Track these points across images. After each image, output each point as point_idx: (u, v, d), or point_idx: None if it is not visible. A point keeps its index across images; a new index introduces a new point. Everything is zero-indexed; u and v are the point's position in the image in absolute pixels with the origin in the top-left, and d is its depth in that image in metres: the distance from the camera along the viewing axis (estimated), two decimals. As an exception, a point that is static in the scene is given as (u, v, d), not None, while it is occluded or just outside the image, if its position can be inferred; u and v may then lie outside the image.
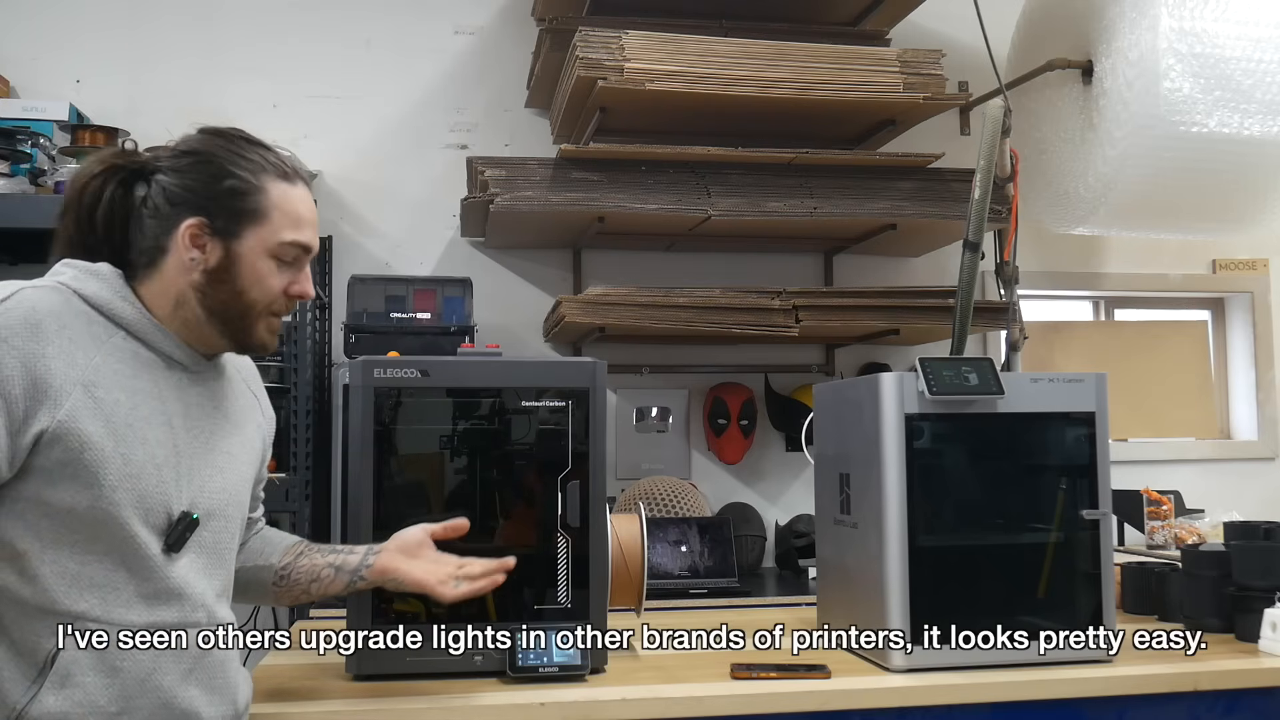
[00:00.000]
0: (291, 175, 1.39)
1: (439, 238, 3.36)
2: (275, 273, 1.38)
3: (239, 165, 1.36)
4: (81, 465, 1.24)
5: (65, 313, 1.28)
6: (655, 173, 2.90)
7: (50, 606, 1.24)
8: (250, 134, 1.42)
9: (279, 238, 1.37)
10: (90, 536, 1.26)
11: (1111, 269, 3.77)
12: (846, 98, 2.86)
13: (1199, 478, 3.61)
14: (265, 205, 1.36)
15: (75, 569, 1.25)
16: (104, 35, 3.23)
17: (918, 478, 1.74)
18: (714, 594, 2.78)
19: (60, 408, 1.23)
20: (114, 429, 1.27)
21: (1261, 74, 2.83)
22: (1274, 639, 1.83)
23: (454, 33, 3.42)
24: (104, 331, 1.30)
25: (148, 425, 1.30)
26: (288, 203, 1.37)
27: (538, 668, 1.64)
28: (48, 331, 1.24)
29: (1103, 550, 1.79)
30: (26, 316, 1.24)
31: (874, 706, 1.65)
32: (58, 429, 1.23)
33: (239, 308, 1.37)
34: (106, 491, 1.25)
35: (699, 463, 3.45)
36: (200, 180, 1.35)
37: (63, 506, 1.25)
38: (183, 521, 1.32)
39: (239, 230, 1.35)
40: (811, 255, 3.54)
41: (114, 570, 1.27)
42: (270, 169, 1.37)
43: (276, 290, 1.39)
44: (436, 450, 1.72)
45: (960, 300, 2.18)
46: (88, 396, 1.25)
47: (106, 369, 1.28)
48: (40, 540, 1.25)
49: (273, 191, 1.36)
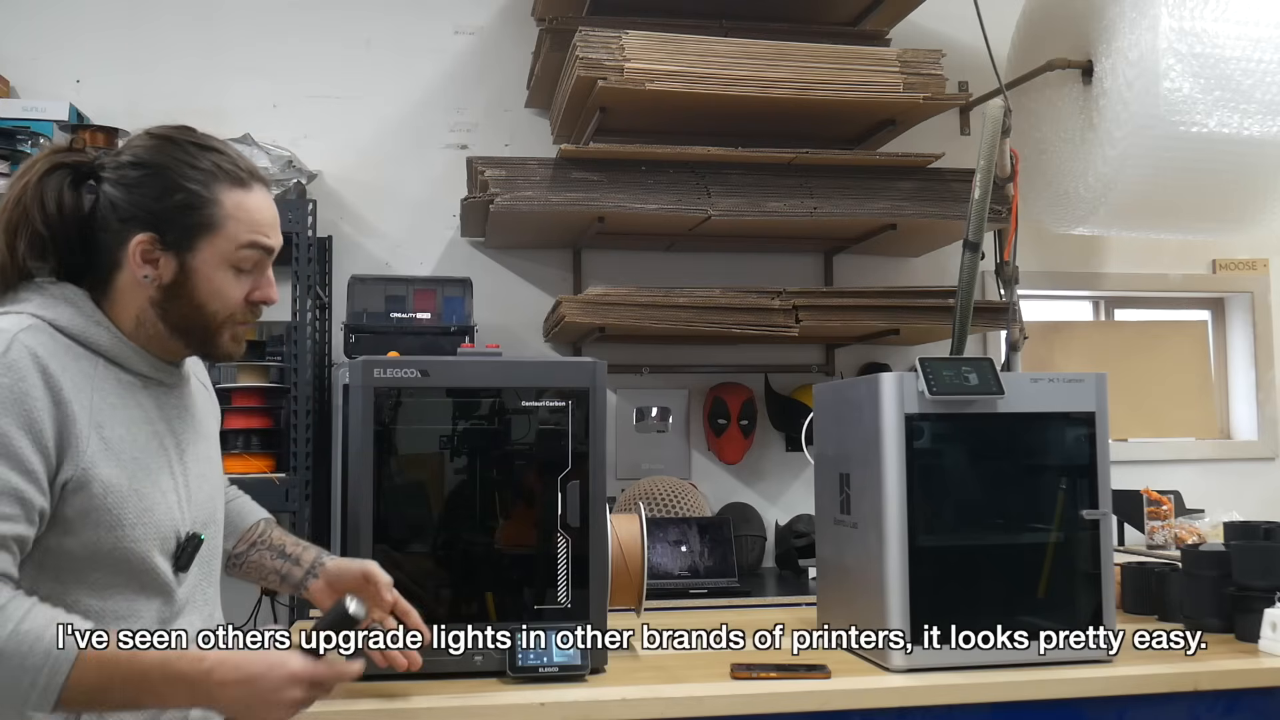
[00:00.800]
0: (246, 179, 1.34)
1: (439, 238, 3.36)
2: (234, 282, 1.33)
3: (188, 177, 1.30)
4: (105, 510, 1.23)
5: (56, 352, 1.24)
6: (655, 173, 2.90)
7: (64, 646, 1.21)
8: (201, 135, 1.36)
9: (236, 243, 1.31)
10: (110, 573, 1.26)
11: (1111, 269, 3.77)
12: (846, 98, 2.86)
13: (1199, 478, 3.61)
14: (219, 216, 1.30)
15: (98, 606, 1.25)
16: (104, 35, 3.23)
17: (918, 478, 1.74)
18: (714, 594, 2.78)
19: (83, 455, 1.22)
20: (125, 467, 1.26)
21: (1261, 74, 2.83)
22: (1274, 639, 1.83)
23: (454, 33, 3.42)
24: (89, 364, 1.27)
25: (148, 455, 1.30)
26: (242, 210, 1.32)
27: (538, 668, 1.64)
28: (56, 378, 1.22)
29: (1103, 550, 1.79)
30: (35, 364, 1.21)
31: (874, 706, 1.65)
32: (81, 477, 1.22)
33: (200, 321, 1.33)
34: (128, 530, 1.25)
35: (699, 463, 3.45)
36: (149, 194, 1.29)
37: (84, 552, 1.24)
38: (191, 542, 1.33)
39: (192, 243, 1.30)
40: (811, 255, 3.54)
41: (133, 600, 1.28)
42: (223, 176, 1.31)
43: (237, 299, 1.34)
44: (436, 450, 1.71)
45: (960, 300, 2.18)
46: (100, 439, 1.24)
47: (104, 405, 1.26)
48: (61, 583, 1.24)
49: (226, 201, 1.31)
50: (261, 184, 1.37)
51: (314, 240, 2.96)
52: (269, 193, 1.39)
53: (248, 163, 1.38)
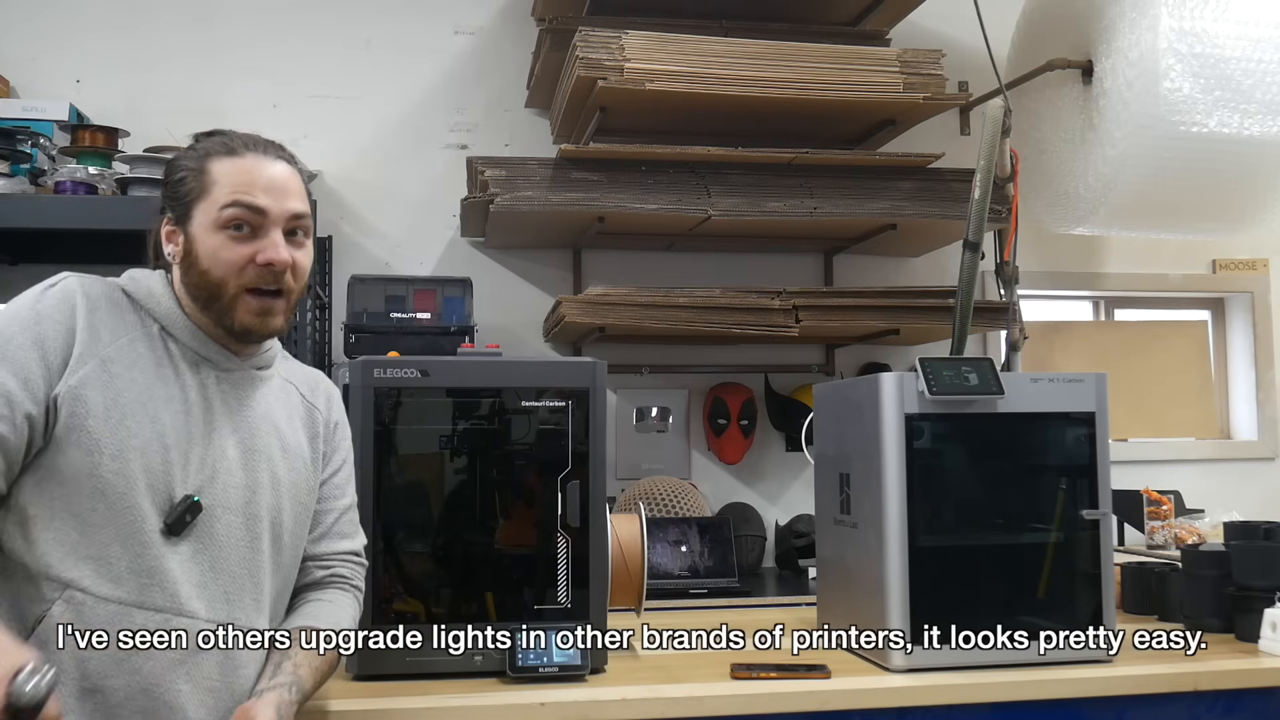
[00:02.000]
0: (239, 149, 1.39)
1: (439, 238, 3.36)
2: (229, 245, 1.36)
3: (187, 156, 1.41)
4: (85, 432, 1.28)
5: (100, 298, 1.36)
6: (655, 173, 2.90)
7: (44, 572, 1.26)
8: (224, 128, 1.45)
9: (219, 204, 1.36)
10: (92, 508, 1.28)
11: (1111, 269, 3.77)
12: (846, 98, 2.86)
13: (1199, 478, 3.61)
14: (206, 182, 1.38)
15: (75, 538, 1.27)
16: (104, 35, 3.23)
17: (918, 478, 1.74)
18: (714, 594, 2.78)
19: (74, 374, 1.29)
20: (122, 403, 1.31)
21: (1261, 74, 2.83)
22: (1274, 639, 1.83)
23: (454, 33, 3.42)
24: (138, 321, 1.37)
25: (162, 407, 1.34)
26: (229, 173, 1.38)
27: (538, 668, 1.64)
28: (79, 308, 1.33)
29: (1103, 550, 1.79)
30: (63, 295, 1.33)
31: (874, 706, 1.65)
32: (67, 393, 1.28)
33: (209, 288, 1.37)
34: (106, 460, 1.28)
35: (699, 463, 3.45)
36: (164, 183, 1.43)
37: (69, 473, 1.28)
38: (184, 504, 1.31)
39: (189, 213, 1.38)
40: (811, 255, 3.54)
41: (110, 543, 1.28)
42: (216, 149, 1.39)
43: (237, 262, 1.36)
44: (436, 450, 1.72)
45: (960, 300, 2.18)
46: (102, 370, 1.31)
47: (130, 351, 1.34)
48: (50, 506, 1.28)
49: (214, 168, 1.38)
50: (258, 152, 1.41)
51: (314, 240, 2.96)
52: (271, 160, 1.41)
53: (252, 137, 1.43)
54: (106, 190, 2.70)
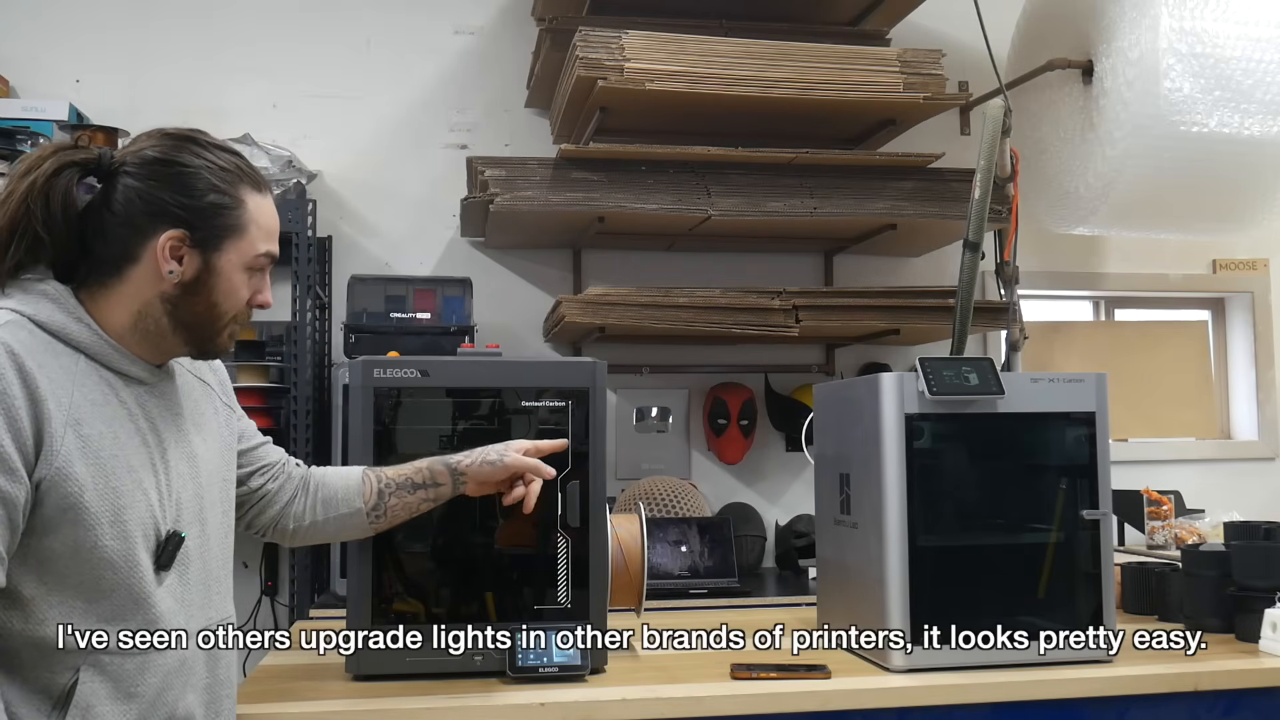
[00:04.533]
0: (261, 185, 1.40)
1: (439, 238, 3.36)
2: (245, 284, 1.38)
3: (219, 176, 1.34)
4: (81, 509, 1.23)
5: (35, 348, 1.23)
6: (655, 173, 2.90)
7: (64, 646, 1.23)
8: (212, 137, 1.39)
9: (256, 250, 1.37)
10: (94, 575, 1.25)
11: (1111, 269, 3.77)
12: (847, 98, 2.86)
13: (1199, 478, 3.61)
14: (245, 219, 1.35)
15: (83, 607, 1.25)
16: (104, 35, 3.23)
17: (918, 478, 1.74)
18: (714, 594, 2.78)
19: (57, 455, 1.22)
20: (102, 465, 1.25)
21: (1261, 74, 2.83)
22: (1274, 639, 1.83)
23: (454, 33, 3.42)
24: (69, 360, 1.27)
25: (129, 452, 1.29)
26: (262, 215, 1.38)
27: (538, 668, 1.64)
28: (33, 374, 1.21)
29: (1103, 550, 1.79)
30: (11, 361, 1.20)
31: (874, 706, 1.65)
32: (55, 476, 1.21)
33: (210, 318, 1.36)
34: (105, 529, 1.24)
35: (699, 463, 3.45)
36: (181, 191, 1.31)
37: (65, 552, 1.23)
38: (171, 541, 1.32)
39: (220, 244, 1.34)
40: (811, 255, 3.54)
41: (121, 603, 1.27)
42: (245, 179, 1.37)
43: (245, 300, 1.39)
44: (436, 450, 1.72)
45: (960, 300, 2.18)
46: (76, 436, 1.24)
47: (84, 402, 1.26)
48: (45, 585, 1.23)
49: (249, 204, 1.36)
50: (269, 189, 1.43)
51: (314, 240, 2.96)
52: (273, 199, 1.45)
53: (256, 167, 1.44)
54: (106, 190, 2.69)
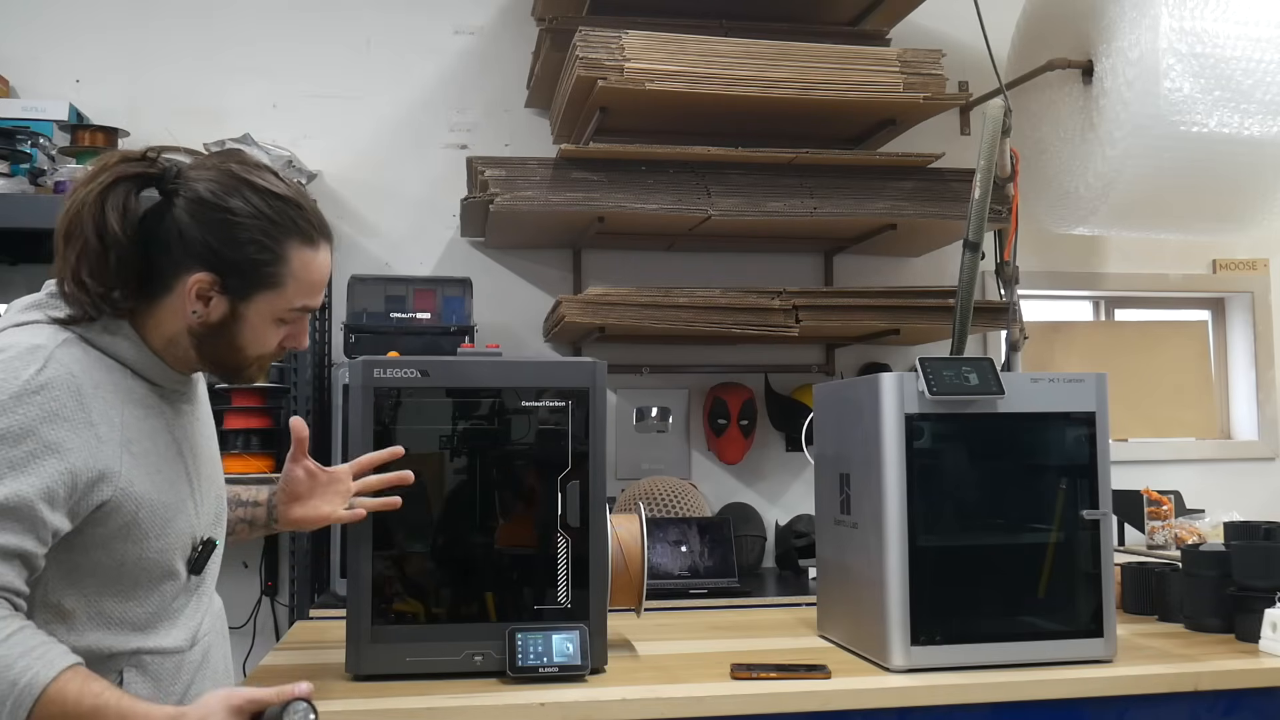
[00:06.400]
0: (315, 237, 1.34)
1: (439, 238, 3.36)
2: (275, 332, 1.35)
3: (263, 228, 1.29)
4: (136, 525, 1.26)
5: (90, 366, 1.25)
6: (655, 173, 2.90)
7: (105, 651, 1.25)
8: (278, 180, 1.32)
9: (290, 305, 1.33)
10: (134, 583, 1.28)
11: (1111, 269, 3.77)
12: (847, 97, 2.86)
13: (1199, 478, 3.61)
14: (283, 274, 1.31)
15: (120, 615, 1.27)
16: (104, 35, 3.23)
17: (918, 478, 1.74)
18: (714, 594, 2.78)
19: (119, 477, 1.24)
20: (152, 480, 1.29)
21: (1261, 74, 2.83)
22: (1274, 639, 1.83)
23: (454, 33, 3.42)
24: (118, 376, 1.28)
25: (169, 465, 1.32)
26: (306, 271, 1.33)
27: (538, 668, 1.64)
28: (89, 399, 1.23)
29: (1103, 550, 1.79)
30: (69, 384, 1.21)
31: (874, 706, 1.65)
32: (118, 497, 1.24)
33: (234, 359, 1.35)
34: (153, 541, 1.28)
35: (699, 463, 3.45)
36: (220, 237, 1.27)
37: (113, 564, 1.26)
38: (206, 547, 1.37)
39: (250, 294, 1.30)
40: (811, 255, 3.54)
41: (157, 607, 1.30)
42: (296, 232, 1.31)
43: (274, 345, 1.37)
44: (436, 450, 1.72)
45: (960, 300, 2.18)
46: (130, 456, 1.26)
47: (132, 419, 1.28)
48: (85, 597, 1.25)
49: (294, 260, 1.31)
50: (327, 241, 1.37)
51: (314, 240, 2.96)
52: (330, 248, 1.38)
53: (318, 215, 1.36)
54: (106, 190, 2.69)
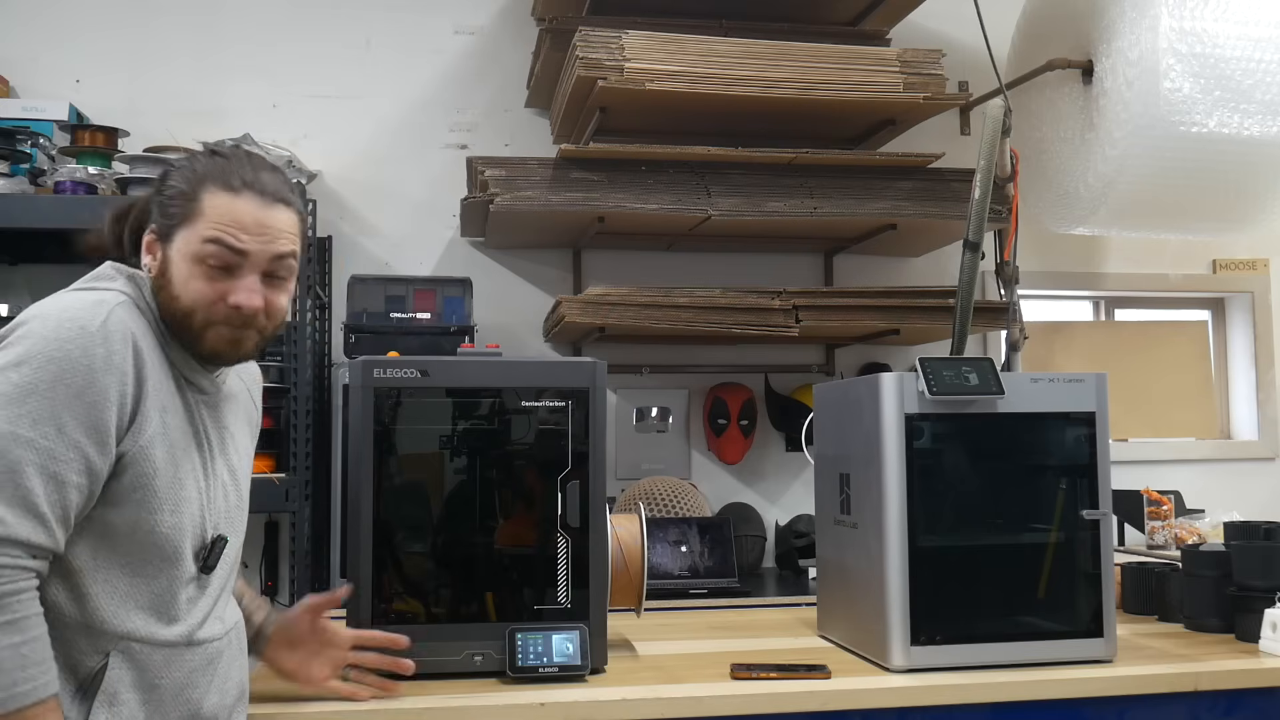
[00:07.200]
0: (238, 187, 1.33)
1: (439, 238, 3.36)
2: (201, 278, 1.31)
3: (184, 171, 1.35)
4: (150, 490, 1.26)
5: (145, 331, 1.30)
6: (655, 173, 2.90)
7: (99, 626, 1.25)
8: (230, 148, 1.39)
9: (201, 237, 1.31)
10: (142, 558, 1.27)
11: (1111, 269, 3.77)
12: (847, 98, 2.86)
13: (1199, 478, 3.61)
14: (195, 209, 1.32)
15: (125, 589, 1.26)
16: (104, 35, 3.23)
17: (918, 478, 1.73)
18: (714, 594, 2.78)
19: (143, 433, 1.26)
20: (173, 455, 1.29)
21: (1261, 74, 2.83)
22: (1274, 639, 1.83)
23: (454, 33, 3.42)
24: (162, 351, 1.32)
25: (189, 451, 1.33)
26: (219, 208, 1.31)
27: (538, 668, 1.64)
28: (143, 355, 1.27)
29: (1103, 550, 1.79)
30: (127, 338, 1.26)
31: (874, 706, 1.65)
32: (137, 453, 1.25)
33: (178, 314, 1.32)
34: (165, 516, 1.28)
35: (699, 463, 3.45)
36: (158, 191, 1.37)
37: (123, 528, 1.26)
38: (218, 544, 1.35)
39: (172, 233, 1.33)
40: (811, 255, 3.54)
41: (161, 592, 1.29)
42: (214, 179, 1.33)
43: (206, 296, 1.31)
44: (436, 450, 1.71)
45: (960, 300, 2.18)
46: (161, 422, 1.28)
47: (167, 392, 1.31)
48: (95, 558, 1.25)
49: (207, 198, 1.32)
50: (256, 194, 1.34)
51: (314, 240, 2.97)
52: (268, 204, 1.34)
53: (258, 174, 1.35)
54: (106, 190, 2.70)
